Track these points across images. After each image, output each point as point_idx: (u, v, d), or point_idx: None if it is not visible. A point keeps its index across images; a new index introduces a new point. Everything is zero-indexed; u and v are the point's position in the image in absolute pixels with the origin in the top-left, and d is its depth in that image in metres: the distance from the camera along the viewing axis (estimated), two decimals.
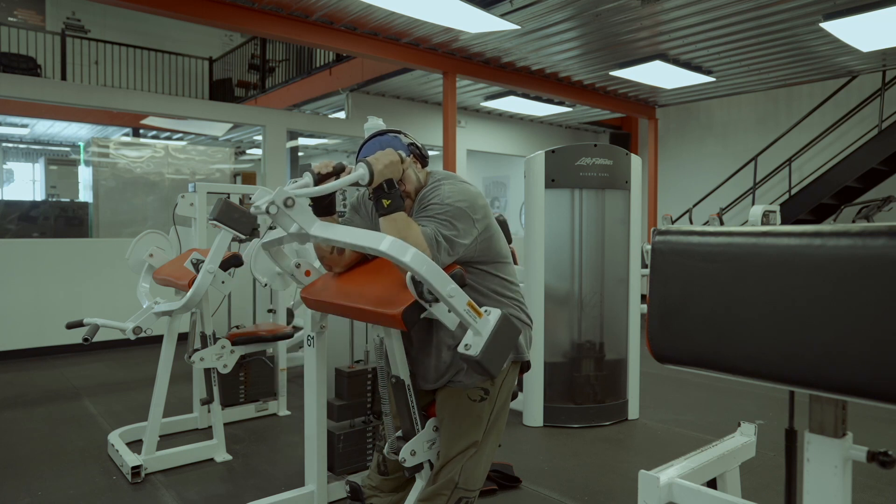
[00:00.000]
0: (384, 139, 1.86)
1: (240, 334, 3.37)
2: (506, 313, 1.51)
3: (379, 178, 1.65)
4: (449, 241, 1.69)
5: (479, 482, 1.85)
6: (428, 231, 1.67)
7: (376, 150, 1.82)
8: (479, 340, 1.46)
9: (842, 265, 0.92)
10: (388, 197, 1.66)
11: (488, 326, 1.47)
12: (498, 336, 1.47)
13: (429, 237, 1.66)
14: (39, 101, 6.35)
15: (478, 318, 1.48)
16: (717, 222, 7.82)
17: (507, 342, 1.50)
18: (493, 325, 1.47)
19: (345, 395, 2.68)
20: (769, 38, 6.15)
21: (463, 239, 1.71)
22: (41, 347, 5.66)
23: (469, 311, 1.48)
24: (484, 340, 1.45)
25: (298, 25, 5.61)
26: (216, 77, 12.27)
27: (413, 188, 1.85)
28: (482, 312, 1.49)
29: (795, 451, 1.32)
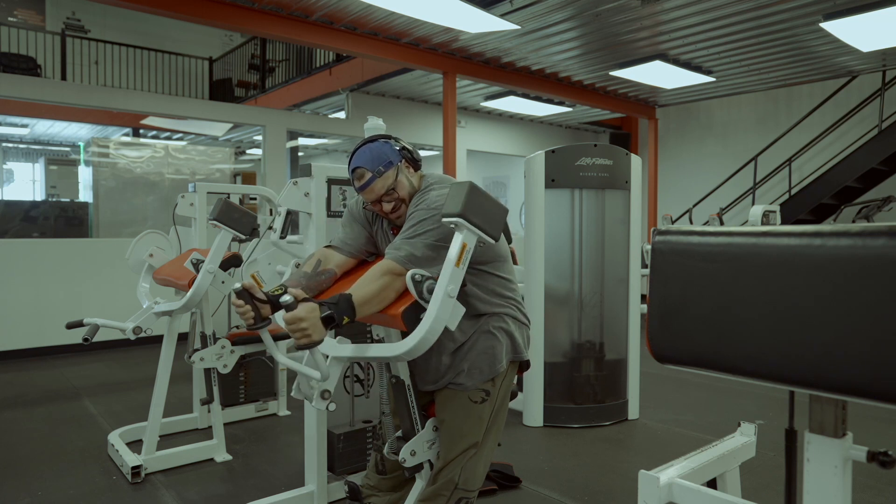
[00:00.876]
0: (374, 146, 1.83)
1: (240, 334, 3.37)
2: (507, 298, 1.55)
3: (323, 335, 1.54)
4: (432, 248, 1.69)
5: (478, 482, 1.86)
6: (399, 255, 1.67)
7: (367, 157, 1.81)
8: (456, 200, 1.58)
9: (842, 265, 0.92)
10: (339, 318, 1.54)
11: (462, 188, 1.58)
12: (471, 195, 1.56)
13: (401, 261, 1.66)
14: (39, 101, 6.36)
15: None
16: (717, 222, 7.82)
17: (486, 200, 1.59)
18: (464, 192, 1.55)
19: (336, 465, 2.68)
20: (769, 38, 6.15)
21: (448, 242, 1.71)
22: (41, 347, 5.66)
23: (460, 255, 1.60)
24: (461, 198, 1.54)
25: (298, 25, 5.61)
26: (216, 77, 12.27)
27: (407, 193, 1.84)
28: None
29: (795, 451, 1.32)
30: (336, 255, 1.94)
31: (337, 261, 1.92)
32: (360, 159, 1.82)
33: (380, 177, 1.79)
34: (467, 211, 1.53)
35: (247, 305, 1.63)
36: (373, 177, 1.79)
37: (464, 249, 1.56)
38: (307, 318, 1.49)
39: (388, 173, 1.81)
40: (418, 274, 1.61)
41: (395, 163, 1.82)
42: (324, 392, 1.61)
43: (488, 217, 1.58)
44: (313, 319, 1.50)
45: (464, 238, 1.56)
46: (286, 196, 2.55)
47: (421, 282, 1.60)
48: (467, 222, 1.54)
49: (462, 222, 1.54)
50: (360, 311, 1.58)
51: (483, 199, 1.58)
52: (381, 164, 1.80)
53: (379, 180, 1.80)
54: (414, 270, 1.62)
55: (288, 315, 1.49)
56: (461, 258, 1.56)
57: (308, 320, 1.49)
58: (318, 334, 1.51)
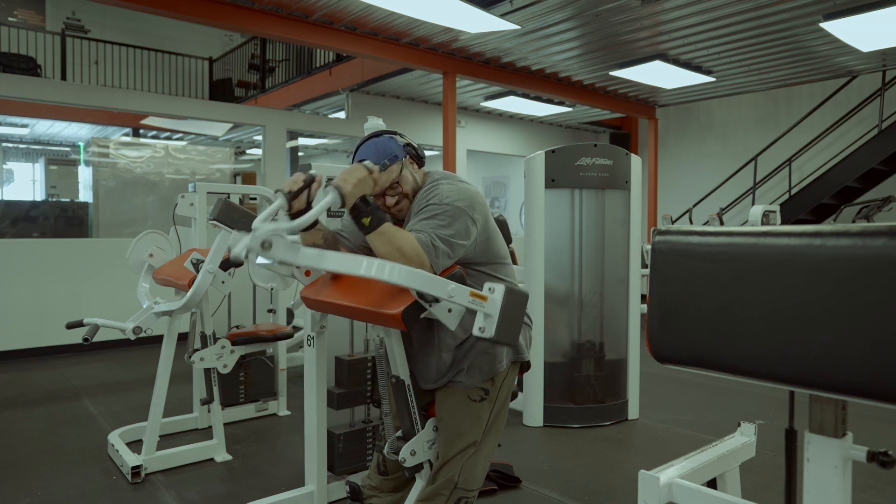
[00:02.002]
0: (379, 141, 1.84)
1: (240, 334, 3.37)
2: (509, 285, 1.52)
3: (351, 199, 1.59)
4: (447, 243, 1.68)
5: (478, 482, 1.86)
6: (423, 237, 1.65)
7: (371, 151, 1.82)
8: (492, 321, 1.48)
9: (842, 265, 0.92)
10: (366, 214, 1.61)
11: (496, 304, 1.49)
12: (507, 309, 1.50)
13: (424, 243, 1.64)
14: (39, 101, 6.35)
15: (484, 303, 1.50)
16: (717, 222, 7.82)
17: (518, 310, 1.52)
18: (500, 302, 1.49)
19: (345, 382, 2.67)
20: (769, 38, 6.15)
21: (462, 239, 1.71)
22: (41, 347, 5.66)
23: (474, 300, 1.50)
24: (496, 319, 1.48)
25: (298, 25, 5.61)
26: (216, 77, 12.27)
27: (410, 189, 1.85)
28: (486, 295, 1.52)
29: (795, 451, 1.32)
30: (340, 244, 1.95)
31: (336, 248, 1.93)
32: (365, 152, 1.83)
33: (385, 170, 1.80)
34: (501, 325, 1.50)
35: (302, 184, 1.64)
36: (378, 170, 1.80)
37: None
38: (362, 179, 1.62)
39: (392, 167, 1.81)
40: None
41: (399, 157, 1.83)
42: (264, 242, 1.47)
43: (510, 325, 1.53)
44: (363, 182, 1.62)
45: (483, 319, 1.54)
46: None
47: None
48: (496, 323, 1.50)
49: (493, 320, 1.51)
50: (377, 231, 1.62)
51: (517, 311, 1.55)
52: (386, 157, 1.81)
53: (384, 174, 1.80)
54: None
55: (357, 164, 1.66)
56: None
57: (359, 177, 1.61)
58: (349, 187, 1.57)
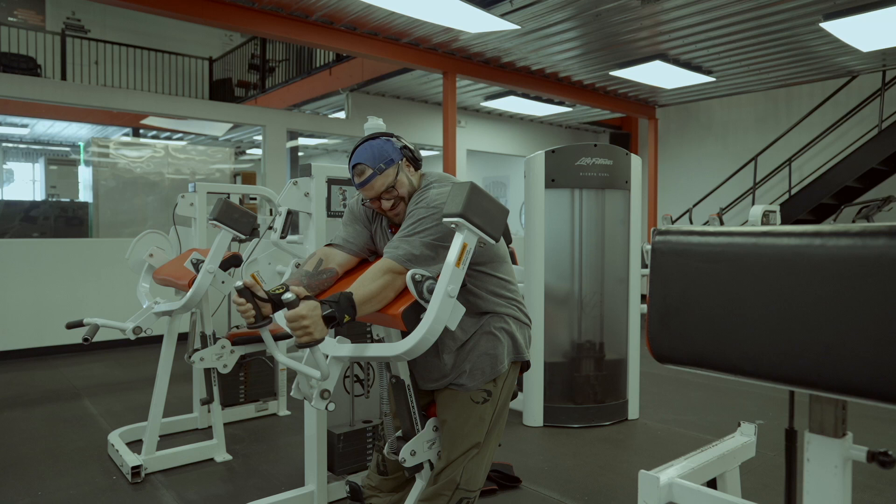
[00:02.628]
0: (376, 144, 1.83)
1: (240, 334, 3.37)
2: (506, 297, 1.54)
3: (324, 334, 1.53)
4: (430, 247, 1.69)
5: (480, 482, 1.86)
6: (398, 254, 1.67)
7: (367, 154, 1.81)
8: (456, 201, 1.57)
9: (842, 265, 0.91)
10: (340, 318, 1.54)
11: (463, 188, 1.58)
12: (472, 196, 1.55)
13: (400, 260, 1.66)
14: (39, 101, 6.36)
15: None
16: (717, 222, 7.82)
17: (486, 200, 1.58)
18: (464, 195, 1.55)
19: (336, 465, 2.68)
20: (769, 38, 6.15)
21: (447, 241, 1.70)
22: (41, 347, 5.66)
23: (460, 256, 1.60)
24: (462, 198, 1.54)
25: (298, 25, 5.61)
26: (216, 77, 12.26)
27: (406, 192, 1.84)
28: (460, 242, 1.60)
29: (795, 451, 1.32)
30: (338, 253, 1.93)
31: (339, 260, 1.92)
32: (361, 156, 1.82)
33: (380, 174, 1.79)
34: (468, 211, 1.53)
35: (248, 304, 1.63)
36: (373, 174, 1.79)
37: (464, 250, 1.56)
38: (309, 317, 1.49)
39: (388, 171, 1.80)
40: (418, 274, 1.61)
41: (395, 161, 1.82)
42: (323, 392, 1.60)
43: (489, 217, 1.58)
44: (315, 318, 1.50)
45: (464, 238, 1.56)
46: (286, 196, 2.55)
47: (421, 281, 1.60)
48: (468, 222, 1.54)
49: (463, 222, 1.54)
50: (360, 310, 1.58)
51: (484, 199, 1.57)
52: (382, 161, 1.80)
53: (379, 177, 1.80)
54: (414, 270, 1.62)
55: (290, 313, 1.49)
56: (461, 258, 1.56)
57: (310, 318, 1.49)
58: (320, 332, 1.51)
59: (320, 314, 1.51)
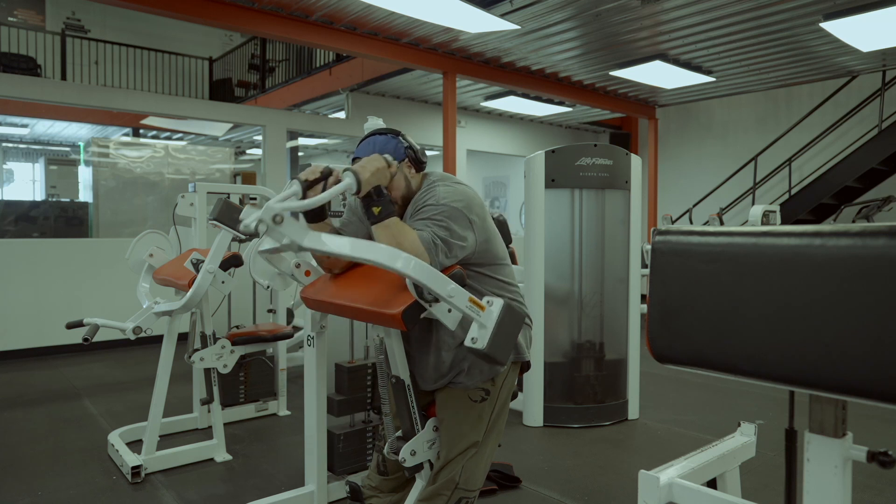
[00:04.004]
0: (380, 140, 1.83)
1: (240, 334, 3.37)
2: (507, 301, 1.52)
3: (366, 186, 1.59)
4: (446, 243, 1.68)
5: (479, 482, 1.86)
6: (425, 235, 1.66)
7: (369, 150, 1.81)
8: (485, 333, 1.47)
9: (842, 265, 0.92)
10: (377, 204, 1.63)
11: (492, 318, 1.48)
12: (503, 325, 1.48)
13: (426, 241, 1.65)
14: (39, 101, 6.35)
15: (481, 312, 1.49)
16: (717, 222, 7.82)
17: (513, 329, 1.51)
18: (496, 316, 1.48)
19: (345, 389, 2.67)
20: (769, 38, 6.15)
21: (459, 240, 1.70)
22: (41, 347, 5.66)
23: (471, 306, 1.49)
24: (490, 332, 1.46)
25: (298, 25, 5.61)
26: (216, 77, 12.26)
27: (400, 195, 1.82)
28: (484, 305, 1.50)
29: (795, 451, 1.32)
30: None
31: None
32: (362, 149, 1.84)
33: None
34: (495, 340, 1.49)
35: (319, 175, 1.63)
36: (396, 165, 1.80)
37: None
38: (379, 169, 1.63)
39: None
40: None
41: (396, 160, 1.81)
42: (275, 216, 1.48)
43: (503, 346, 1.52)
44: (381, 172, 1.64)
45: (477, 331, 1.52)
46: None
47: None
48: (489, 337, 1.49)
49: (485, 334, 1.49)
50: (384, 226, 1.63)
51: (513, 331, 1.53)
52: None
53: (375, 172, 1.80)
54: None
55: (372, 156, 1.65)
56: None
57: (377, 167, 1.63)
58: (366, 174, 1.58)
59: (382, 178, 1.65)
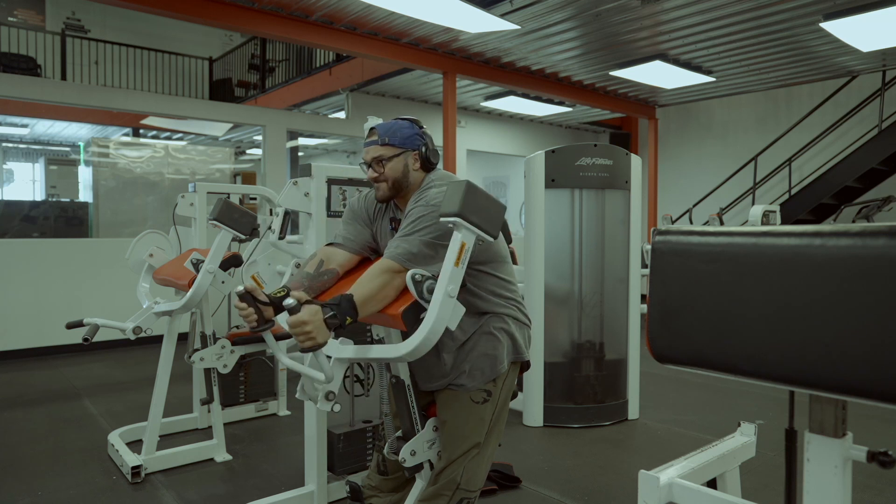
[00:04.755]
0: (403, 123, 1.87)
1: (240, 334, 3.37)
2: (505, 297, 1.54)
3: (327, 337, 1.53)
4: (430, 246, 1.69)
5: (480, 482, 1.86)
6: (398, 253, 1.67)
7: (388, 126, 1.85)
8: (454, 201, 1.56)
9: (842, 265, 0.91)
10: (342, 320, 1.54)
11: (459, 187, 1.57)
12: (469, 194, 1.54)
13: (399, 259, 1.66)
14: (39, 101, 6.36)
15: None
16: (717, 222, 7.81)
17: (483, 199, 1.57)
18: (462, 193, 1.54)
19: (336, 465, 2.67)
20: (769, 38, 6.15)
21: (446, 240, 1.70)
22: (41, 347, 5.66)
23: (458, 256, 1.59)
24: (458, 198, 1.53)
25: (298, 25, 5.61)
26: (216, 77, 12.26)
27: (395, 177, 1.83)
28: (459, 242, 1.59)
29: (795, 451, 1.31)
30: (338, 252, 1.93)
31: (339, 259, 1.92)
32: (382, 126, 1.87)
33: (381, 145, 1.82)
34: (465, 210, 1.53)
35: (250, 308, 1.62)
36: (374, 141, 1.84)
37: (462, 249, 1.56)
38: (311, 322, 1.49)
39: (389, 147, 1.83)
40: (418, 274, 1.61)
41: (406, 147, 1.84)
42: (328, 394, 1.61)
43: (486, 215, 1.58)
44: (317, 322, 1.50)
45: (462, 237, 1.56)
46: (286, 196, 2.55)
47: (421, 282, 1.60)
48: (465, 221, 1.54)
49: (460, 221, 1.54)
50: (361, 311, 1.58)
51: (480, 197, 1.57)
52: (390, 136, 1.83)
53: (377, 147, 1.83)
54: (414, 270, 1.62)
55: (291, 319, 1.49)
56: (460, 258, 1.56)
57: (312, 323, 1.49)
58: (323, 336, 1.51)
59: (322, 318, 1.51)
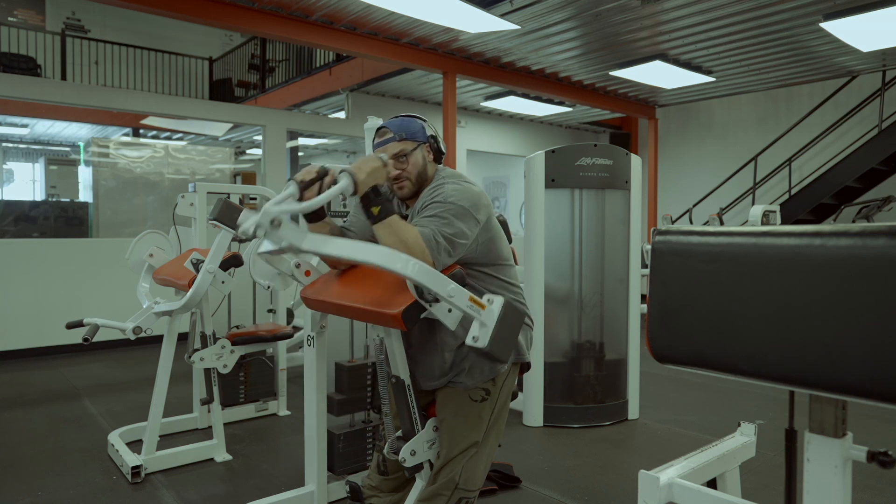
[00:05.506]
0: (409, 119, 1.88)
1: (240, 334, 3.37)
2: (508, 299, 1.51)
3: (363, 187, 1.58)
4: (449, 241, 1.68)
5: (479, 482, 1.86)
6: (426, 232, 1.66)
7: (398, 123, 1.86)
8: (486, 331, 1.47)
9: (842, 265, 0.91)
10: (376, 203, 1.61)
11: (493, 316, 1.48)
12: (504, 323, 1.48)
13: (427, 238, 1.65)
14: (39, 101, 6.36)
15: (481, 311, 1.49)
16: (717, 222, 7.82)
17: (514, 327, 1.51)
18: (497, 314, 1.48)
19: (345, 388, 2.67)
20: (769, 38, 6.15)
21: (463, 238, 1.71)
22: (41, 347, 5.66)
23: (472, 305, 1.49)
24: (490, 330, 1.46)
25: (298, 25, 5.61)
26: (216, 77, 12.26)
27: (415, 172, 1.85)
28: (485, 303, 1.50)
29: (795, 451, 1.32)
30: (347, 234, 1.95)
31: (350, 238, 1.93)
32: (390, 122, 1.88)
33: (398, 141, 1.83)
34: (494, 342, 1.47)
35: (315, 175, 1.59)
36: (392, 137, 1.84)
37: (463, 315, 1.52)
38: (376, 168, 1.61)
39: (407, 142, 1.84)
40: None
41: (419, 140, 1.86)
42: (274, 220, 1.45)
43: (504, 340, 1.51)
44: (377, 172, 1.61)
45: (477, 324, 1.50)
46: None
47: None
48: (491, 335, 1.47)
49: (487, 332, 1.48)
50: (385, 224, 1.62)
51: (513, 326, 1.52)
52: (406, 132, 1.84)
53: (396, 143, 1.83)
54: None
55: (370, 155, 1.62)
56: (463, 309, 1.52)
57: (374, 167, 1.60)
58: (363, 174, 1.57)
59: (379, 177, 1.62)
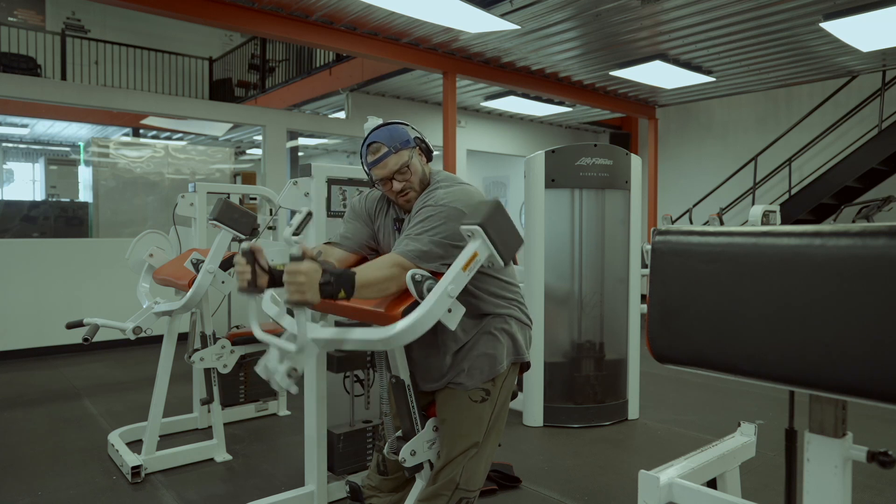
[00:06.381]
0: (392, 126, 1.87)
1: (240, 334, 3.37)
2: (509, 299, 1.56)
3: (322, 296, 1.50)
4: (440, 245, 1.70)
5: (479, 482, 1.86)
6: (407, 250, 1.68)
7: (385, 134, 1.83)
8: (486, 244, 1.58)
9: (842, 265, 0.91)
10: (336, 290, 1.51)
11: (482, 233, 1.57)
12: (492, 218, 1.56)
13: (409, 257, 1.67)
14: (39, 101, 6.36)
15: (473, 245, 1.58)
16: (717, 222, 7.82)
17: (503, 221, 1.58)
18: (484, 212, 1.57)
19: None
20: (769, 38, 6.15)
21: (456, 240, 1.70)
22: (41, 347, 5.66)
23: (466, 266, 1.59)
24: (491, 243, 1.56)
25: (298, 25, 5.61)
26: (216, 77, 12.26)
27: (418, 179, 1.86)
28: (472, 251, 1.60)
29: (795, 451, 1.31)
30: (335, 251, 1.93)
31: (337, 256, 1.92)
32: (377, 135, 1.84)
33: (395, 153, 1.81)
34: (488, 224, 1.54)
35: (247, 266, 1.56)
36: (388, 152, 1.81)
37: (473, 258, 1.56)
38: (307, 275, 1.46)
39: (403, 151, 1.83)
40: (419, 274, 1.61)
41: (411, 144, 1.85)
42: (291, 370, 1.53)
43: (505, 238, 1.58)
44: (313, 279, 1.47)
45: (477, 247, 1.56)
46: (286, 196, 2.55)
47: (421, 282, 1.60)
48: (485, 234, 1.54)
49: (480, 232, 1.54)
50: (358, 292, 1.55)
51: (506, 220, 1.59)
52: (398, 141, 1.83)
53: (394, 156, 1.81)
54: (414, 270, 1.62)
55: (290, 266, 1.46)
56: (469, 264, 1.56)
57: (307, 276, 1.46)
58: (312, 296, 1.47)
59: (318, 279, 1.48)
